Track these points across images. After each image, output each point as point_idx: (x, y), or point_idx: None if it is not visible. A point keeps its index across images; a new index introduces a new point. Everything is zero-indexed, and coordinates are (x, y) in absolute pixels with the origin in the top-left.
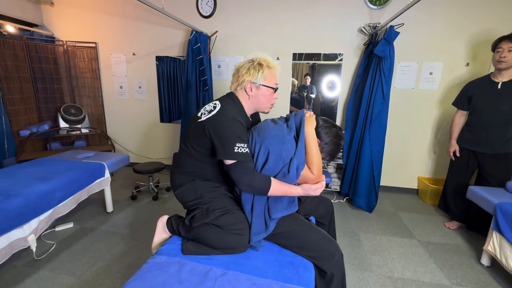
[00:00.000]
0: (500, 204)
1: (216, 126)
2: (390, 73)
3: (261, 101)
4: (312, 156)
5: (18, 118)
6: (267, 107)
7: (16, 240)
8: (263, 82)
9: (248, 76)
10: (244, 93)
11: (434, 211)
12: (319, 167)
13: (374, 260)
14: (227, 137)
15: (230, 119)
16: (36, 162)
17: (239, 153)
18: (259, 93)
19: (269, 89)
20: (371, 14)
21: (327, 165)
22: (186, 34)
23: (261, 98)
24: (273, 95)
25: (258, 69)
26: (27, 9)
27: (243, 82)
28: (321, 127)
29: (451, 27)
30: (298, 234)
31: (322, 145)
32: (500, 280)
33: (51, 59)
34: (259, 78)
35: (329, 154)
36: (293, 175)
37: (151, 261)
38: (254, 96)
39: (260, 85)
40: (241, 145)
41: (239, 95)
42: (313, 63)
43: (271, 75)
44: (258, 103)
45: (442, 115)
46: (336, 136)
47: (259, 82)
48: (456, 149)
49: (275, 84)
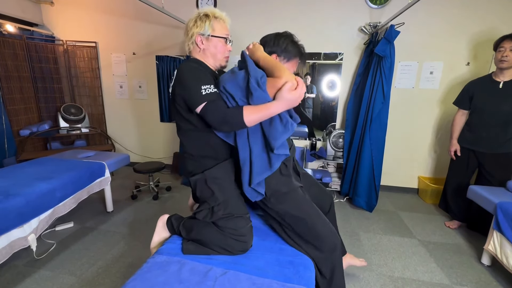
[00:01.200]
0: (501, 204)
1: (178, 83)
2: (391, 73)
3: (214, 53)
4: (272, 67)
5: (18, 118)
6: (222, 60)
7: (16, 239)
8: (212, 32)
9: (195, 28)
10: (196, 47)
11: (435, 210)
12: (283, 69)
13: (374, 260)
14: (190, 85)
15: (186, 70)
16: (36, 161)
17: (207, 93)
18: (210, 44)
19: (220, 39)
20: (372, 13)
21: (327, 165)
22: None
23: (212, 50)
24: (225, 47)
25: (204, 20)
26: (27, 9)
27: (193, 36)
28: (267, 44)
29: (451, 26)
30: (308, 222)
31: (283, 54)
32: (501, 279)
33: (51, 58)
34: (207, 28)
35: (295, 54)
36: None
37: (151, 260)
38: (206, 48)
39: (209, 36)
40: (206, 86)
41: (193, 52)
42: (313, 62)
43: (220, 26)
44: (212, 56)
45: (442, 114)
46: (284, 36)
47: (207, 33)
48: (457, 149)
49: (225, 34)
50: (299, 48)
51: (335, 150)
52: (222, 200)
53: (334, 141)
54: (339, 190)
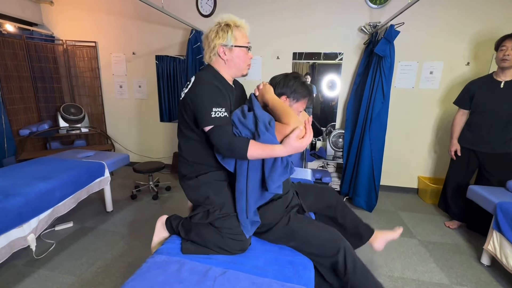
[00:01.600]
0: (501, 204)
1: (192, 96)
2: (391, 73)
3: (237, 63)
4: (281, 111)
5: (18, 118)
6: (244, 69)
7: (15, 239)
8: (235, 42)
9: (218, 40)
10: (219, 58)
11: (434, 210)
12: (292, 115)
13: (374, 260)
14: (203, 104)
15: (204, 86)
16: (36, 161)
17: (217, 117)
18: (233, 55)
19: (243, 49)
20: (372, 13)
21: (327, 165)
22: (186, 33)
23: (236, 60)
24: (248, 55)
25: (226, 31)
26: (26, 8)
27: (215, 48)
28: (277, 86)
29: (451, 26)
30: (301, 233)
31: (292, 95)
32: (500, 279)
33: (50, 58)
34: (230, 39)
35: (304, 95)
36: (266, 133)
37: (151, 260)
38: (229, 59)
39: (232, 47)
40: (218, 109)
41: (214, 63)
42: (313, 62)
43: (241, 34)
44: (235, 66)
45: (442, 114)
46: (293, 79)
47: (230, 44)
48: (457, 149)
49: (247, 43)
50: (308, 89)
51: (335, 150)
52: (218, 203)
53: (334, 141)
54: (338, 190)
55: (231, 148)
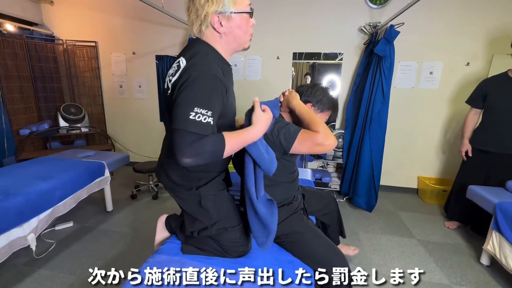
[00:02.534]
0: (500, 204)
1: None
2: (390, 73)
3: (238, 35)
4: (309, 119)
5: (18, 117)
6: (247, 41)
7: (16, 239)
8: (234, 8)
9: (211, 6)
10: (214, 31)
11: (434, 210)
12: (320, 123)
13: (374, 260)
14: (188, 97)
15: (198, 70)
16: (36, 161)
17: (196, 121)
18: (232, 25)
19: (243, 15)
20: (372, 13)
21: (327, 165)
22: (186, 33)
23: (237, 32)
24: (250, 22)
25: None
26: (26, 8)
27: (207, 17)
28: (304, 93)
29: (451, 26)
30: (306, 243)
31: (317, 105)
32: (500, 279)
33: (50, 58)
34: (228, 4)
35: (328, 107)
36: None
37: (151, 260)
38: (228, 32)
39: (231, 13)
40: (202, 111)
41: (208, 38)
42: (313, 62)
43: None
44: (235, 40)
45: (442, 114)
46: (320, 89)
47: (228, 10)
48: (468, 149)
49: (249, 6)
50: (334, 102)
51: (335, 150)
52: (216, 220)
53: None
54: (338, 190)
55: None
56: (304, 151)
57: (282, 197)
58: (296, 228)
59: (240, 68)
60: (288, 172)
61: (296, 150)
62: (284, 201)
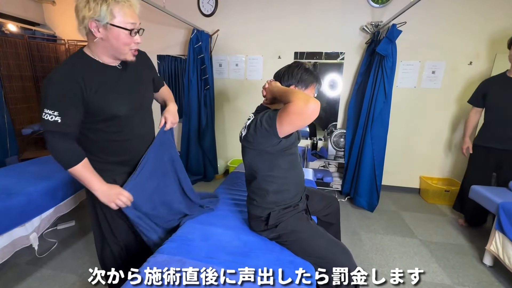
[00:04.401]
0: (503, 204)
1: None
2: (392, 72)
3: (116, 46)
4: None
5: (20, 117)
6: (126, 53)
7: (18, 238)
8: (111, 20)
9: (87, 12)
10: (91, 34)
11: (436, 210)
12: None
13: (376, 260)
14: (41, 99)
15: (48, 79)
16: (38, 160)
17: (45, 120)
18: (109, 35)
19: (122, 31)
20: (373, 12)
21: (328, 165)
22: (187, 33)
23: (113, 42)
24: (131, 39)
25: (100, 3)
26: (28, 8)
27: (84, 20)
28: (283, 79)
29: (453, 25)
30: (304, 238)
31: (300, 84)
32: (503, 280)
33: (52, 58)
34: (104, 14)
35: (311, 81)
36: None
37: (152, 259)
38: (105, 38)
39: (107, 24)
40: (48, 111)
41: (88, 40)
42: (315, 62)
43: (124, 12)
44: (113, 48)
45: (444, 114)
46: (296, 67)
47: (104, 20)
48: (469, 146)
49: (131, 24)
50: (314, 74)
51: (336, 149)
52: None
53: (336, 141)
54: (340, 189)
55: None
56: (290, 126)
57: (291, 198)
58: (298, 227)
59: (241, 68)
60: (293, 167)
61: (283, 129)
62: (291, 202)
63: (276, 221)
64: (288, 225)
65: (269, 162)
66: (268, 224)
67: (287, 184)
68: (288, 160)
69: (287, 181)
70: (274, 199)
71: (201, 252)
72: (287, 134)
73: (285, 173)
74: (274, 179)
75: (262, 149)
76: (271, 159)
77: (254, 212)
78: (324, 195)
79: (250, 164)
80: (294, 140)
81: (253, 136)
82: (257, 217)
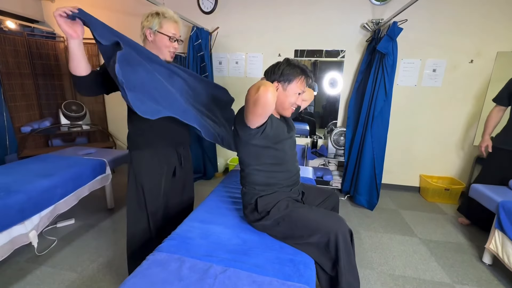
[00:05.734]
0: (503, 203)
1: None
2: (393, 70)
3: (159, 47)
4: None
5: (20, 115)
6: (165, 54)
7: (17, 236)
8: (159, 29)
9: (146, 22)
10: (146, 38)
11: (436, 209)
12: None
13: (375, 258)
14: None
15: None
16: (38, 158)
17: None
18: (156, 39)
19: (165, 36)
20: (374, 10)
21: (328, 163)
22: (187, 31)
23: (158, 44)
24: (171, 44)
25: (154, 17)
26: (27, 5)
27: (143, 28)
28: (268, 75)
29: (455, 23)
30: (295, 217)
31: (282, 78)
32: (502, 278)
33: (52, 55)
34: (155, 24)
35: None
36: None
37: (151, 257)
38: (153, 41)
39: (156, 31)
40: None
41: (145, 42)
42: (315, 60)
43: (168, 25)
44: (158, 49)
45: (445, 112)
46: (279, 64)
47: (155, 28)
48: (488, 145)
49: (172, 34)
50: (297, 67)
51: (336, 148)
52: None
53: (336, 139)
54: (340, 188)
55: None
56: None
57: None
58: (289, 207)
59: (241, 66)
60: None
61: (249, 119)
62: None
63: (265, 207)
64: (279, 208)
65: (254, 156)
66: (258, 211)
67: (274, 178)
68: (272, 155)
69: (273, 175)
70: (261, 188)
71: (200, 250)
72: (255, 123)
73: (270, 168)
74: (259, 173)
75: (245, 141)
76: (256, 152)
77: (244, 200)
78: (321, 190)
79: (240, 157)
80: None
81: (236, 128)
82: (248, 204)
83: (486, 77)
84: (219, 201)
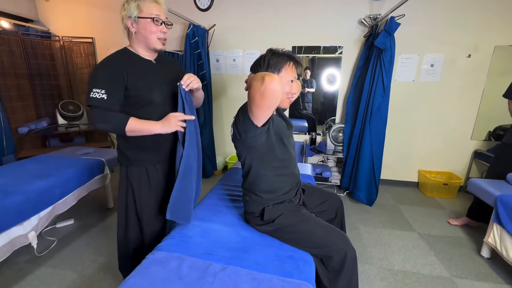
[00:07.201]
0: (501, 196)
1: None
2: (391, 66)
3: (145, 36)
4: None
5: (16, 115)
6: (155, 42)
7: (16, 237)
8: (139, 14)
9: (123, 12)
10: (129, 31)
11: (435, 204)
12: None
13: (375, 253)
14: (88, 82)
15: (97, 65)
16: (35, 159)
17: (93, 98)
18: (139, 27)
19: (147, 20)
20: (372, 5)
21: (327, 159)
22: (183, 28)
23: (143, 32)
24: (157, 27)
25: (130, 2)
26: (21, 4)
27: (123, 20)
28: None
29: (452, 18)
30: (302, 230)
31: (269, 70)
32: (500, 271)
33: (47, 55)
34: (133, 10)
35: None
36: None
37: (151, 256)
38: (137, 31)
39: (136, 18)
40: (97, 90)
41: (129, 39)
42: (313, 56)
43: (148, 6)
44: (144, 39)
45: (443, 107)
46: (263, 56)
47: (134, 15)
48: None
49: (155, 15)
50: (283, 55)
51: (335, 144)
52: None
53: (334, 136)
54: (339, 184)
55: (107, 128)
56: (259, 109)
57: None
58: (295, 220)
59: (238, 63)
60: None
61: (255, 114)
62: (285, 198)
63: (272, 216)
64: (284, 219)
65: (260, 160)
66: (263, 219)
67: (279, 182)
68: (278, 157)
69: (279, 179)
70: (268, 196)
71: (200, 248)
72: (262, 119)
73: (277, 171)
74: (266, 178)
75: (249, 144)
76: (262, 156)
77: (248, 208)
78: (322, 191)
79: (243, 162)
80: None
81: (238, 131)
82: (252, 212)
83: (484, 71)
84: (218, 199)
